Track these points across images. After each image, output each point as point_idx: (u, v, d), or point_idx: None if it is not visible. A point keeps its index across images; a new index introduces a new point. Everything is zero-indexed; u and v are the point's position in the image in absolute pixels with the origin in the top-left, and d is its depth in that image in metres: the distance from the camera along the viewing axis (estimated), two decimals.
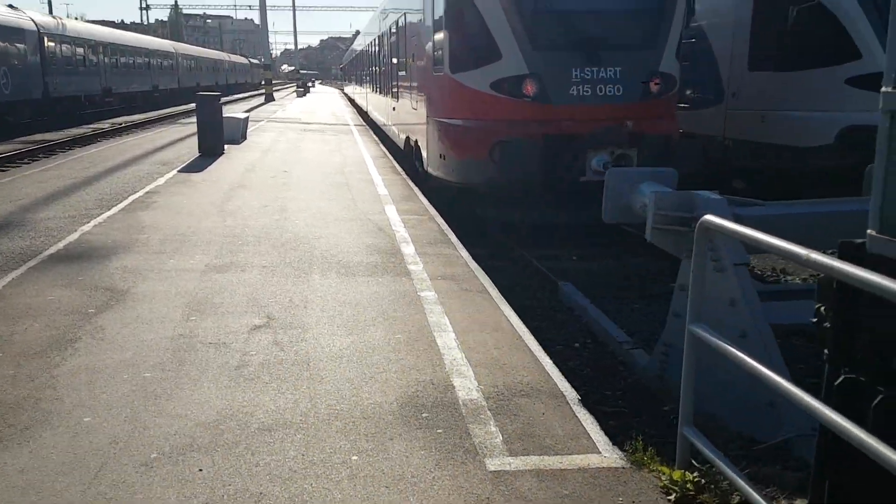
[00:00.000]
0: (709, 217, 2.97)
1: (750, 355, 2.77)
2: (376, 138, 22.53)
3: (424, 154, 12.26)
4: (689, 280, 3.02)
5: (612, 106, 9.52)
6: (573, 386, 4.41)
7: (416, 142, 13.57)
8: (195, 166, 14.81)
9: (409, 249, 8.03)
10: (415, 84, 13.41)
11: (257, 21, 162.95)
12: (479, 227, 11.16)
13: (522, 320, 5.67)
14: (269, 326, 5.51)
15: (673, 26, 9.74)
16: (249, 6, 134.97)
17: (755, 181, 12.91)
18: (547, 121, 9.53)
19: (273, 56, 54.41)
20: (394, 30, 17.14)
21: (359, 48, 37.56)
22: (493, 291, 6.47)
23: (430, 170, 11.92)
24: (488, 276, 7.07)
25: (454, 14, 10.13)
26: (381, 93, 21.97)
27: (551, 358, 4.90)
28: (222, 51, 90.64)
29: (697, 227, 3.02)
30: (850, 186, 12.49)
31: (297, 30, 76.23)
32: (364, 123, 29.41)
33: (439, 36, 11.04)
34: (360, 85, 36.77)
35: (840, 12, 11.14)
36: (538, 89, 9.49)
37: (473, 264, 7.42)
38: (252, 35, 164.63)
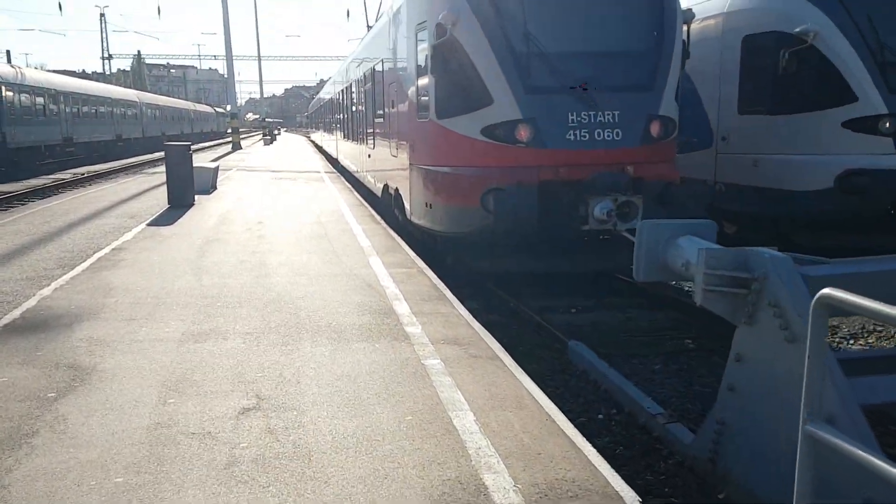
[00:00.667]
0: (829, 292, 2.41)
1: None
2: (349, 185, 21.97)
3: (407, 203, 11.70)
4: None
5: (611, 150, 9.08)
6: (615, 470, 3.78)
7: (396, 190, 13.02)
8: (165, 219, 14.05)
9: (403, 308, 7.38)
10: (394, 131, 12.91)
11: (221, 71, 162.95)
12: (471, 279, 10.58)
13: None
14: (260, 408, 4.80)
15: (672, 68, 9.40)
16: (214, 56, 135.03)
17: (747, 226, 12.57)
18: (543, 167, 9.05)
19: (238, 104, 53.72)
20: (368, 76, 16.71)
21: (327, 96, 37.25)
22: (506, 358, 5.84)
23: (414, 219, 11.35)
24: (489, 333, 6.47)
25: (440, 58, 9.67)
26: (353, 140, 21.48)
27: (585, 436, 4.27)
28: (187, 100, 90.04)
29: (815, 303, 2.45)
30: (849, 230, 12.27)
31: (262, 79, 76.08)
32: (335, 171, 28.86)
33: (423, 81, 10.57)
34: (329, 132, 36.36)
35: (833, 55, 10.95)
36: (533, 134, 9.02)
37: (477, 325, 6.80)
38: (216, 84, 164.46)
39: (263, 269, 9.39)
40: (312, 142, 65.37)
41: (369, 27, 30.66)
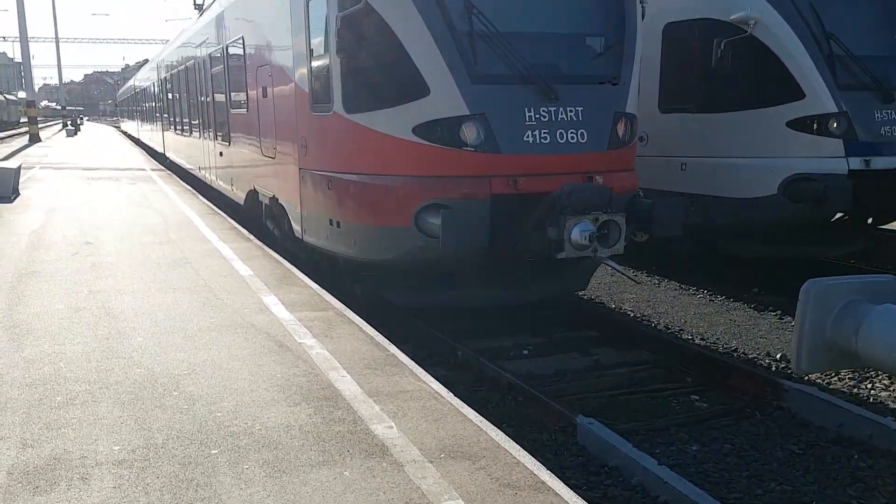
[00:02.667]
0: None
1: None
2: (188, 186, 18.76)
3: (296, 219, 9.26)
4: None
5: (577, 156, 7.25)
6: None
7: (272, 199, 10.48)
8: None
9: (349, 386, 5.10)
10: (268, 124, 10.36)
11: (10, 54, 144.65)
12: (382, 307, 8.40)
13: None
14: None
15: (636, 56, 7.72)
16: (3, 37, 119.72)
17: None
18: (495, 176, 7.06)
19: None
20: (219, 57, 13.84)
21: (146, 82, 32.91)
22: (557, 484, 3.80)
23: (308, 239, 8.95)
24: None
25: (350, 34, 7.35)
26: (192, 133, 18.31)
27: None
28: None
29: None
30: (787, 241, 11.39)
31: (61, 63, 67.66)
32: (163, 168, 25.16)
33: (320, 64, 8.20)
34: (151, 122, 32.10)
35: (777, 46, 9.85)
36: (482, 135, 6.98)
37: (476, 416, 4.68)
38: (6, 69, 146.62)
39: (113, 321, 6.65)
40: (125, 133, 59.07)
41: (198, 6, 27.18)
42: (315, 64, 8.34)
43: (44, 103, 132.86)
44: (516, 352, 7.94)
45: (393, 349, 5.94)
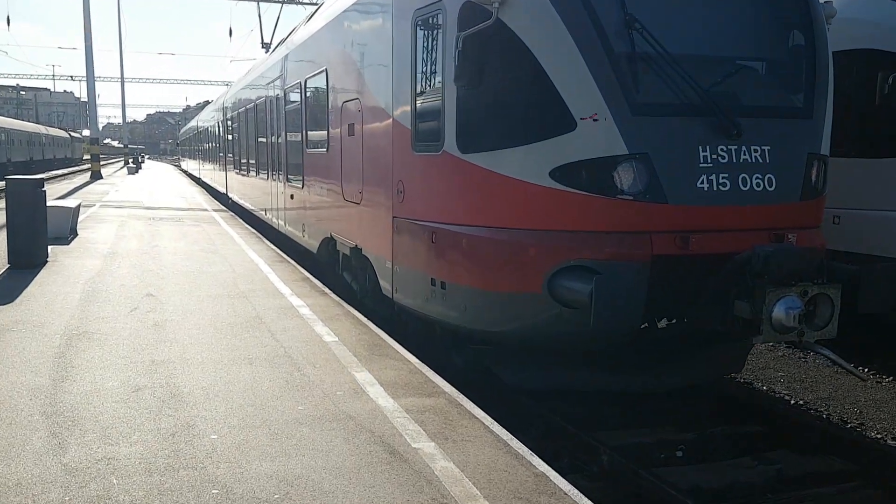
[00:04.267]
0: None
1: None
2: (252, 229, 17.73)
3: (387, 275, 7.92)
4: None
5: (763, 209, 5.75)
6: None
7: (354, 250, 9.17)
8: (1, 292, 9.44)
9: None
10: (352, 166, 9.12)
11: (77, 94, 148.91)
12: (489, 384, 6.94)
13: None
14: None
15: (829, 84, 6.24)
16: (71, 77, 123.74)
17: None
18: (659, 232, 5.59)
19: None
20: (292, 93, 12.79)
21: (211, 120, 32.54)
22: None
23: (402, 300, 7.59)
24: None
25: (473, 56, 6.04)
26: (259, 174, 17.32)
27: None
28: (38, 123, 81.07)
29: None
30: None
31: (125, 102, 68.86)
32: (225, 208, 24.35)
33: (428, 94, 6.93)
34: (213, 162, 31.60)
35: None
36: (644, 179, 5.54)
37: None
38: (73, 108, 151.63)
39: (180, 407, 5.32)
40: (185, 171, 59.44)
41: (265, 45, 26.69)
42: (421, 95, 7.06)
43: (107, 141, 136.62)
44: (666, 452, 6.35)
45: (542, 466, 4.45)
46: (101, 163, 50.22)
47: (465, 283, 6.41)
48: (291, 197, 13.29)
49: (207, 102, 56.52)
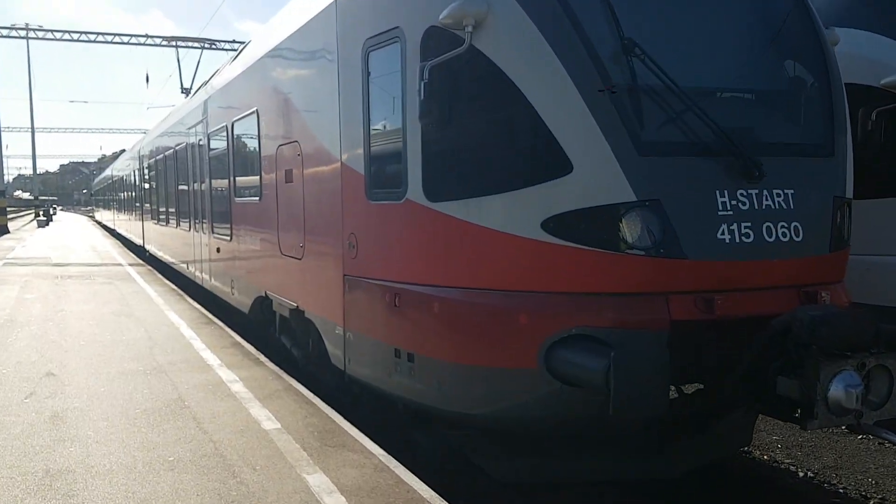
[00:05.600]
0: None
1: None
2: (172, 284, 16.18)
3: (336, 342, 6.76)
4: None
5: (791, 263, 4.91)
6: None
7: (294, 312, 7.97)
8: None
9: None
10: (292, 215, 7.98)
11: None
12: (463, 481, 5.84)
13: None
14: None
15: (846, 114, 5.51)
16: None
17: None
18: (677, 293, 4.66)
19: (6, 181, 44.40)
20: (220, 134, 11.58)
21: (126, 169, 30.69)
22: None
23: (357, 372, 6.46)
24: None
25: (441, 87, 5.08)
26: (179, 225, 15.88)
27: None
28: None
29: None
30: None
31: (35, 153, 65.23)
32: (142, 262, 22.57)
33: (386, 134, 5.93)
34: (129, 212, 29.67)
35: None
36: (656, 231, 4.62)
37: None
38: None
39: None
40: (99, 223, 56.45)
41: (185, 90, 25.26)
42: (377, 135, 6.04)
43: (17, 193, 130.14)
44: None
45: None
46: (9, 216, 47.10)
47: (438, 357, 5.32)
48: (218, 250, 11.95)
49: (123, 151, 54.21)
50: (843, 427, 4.56)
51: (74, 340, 9.71)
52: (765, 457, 7.41)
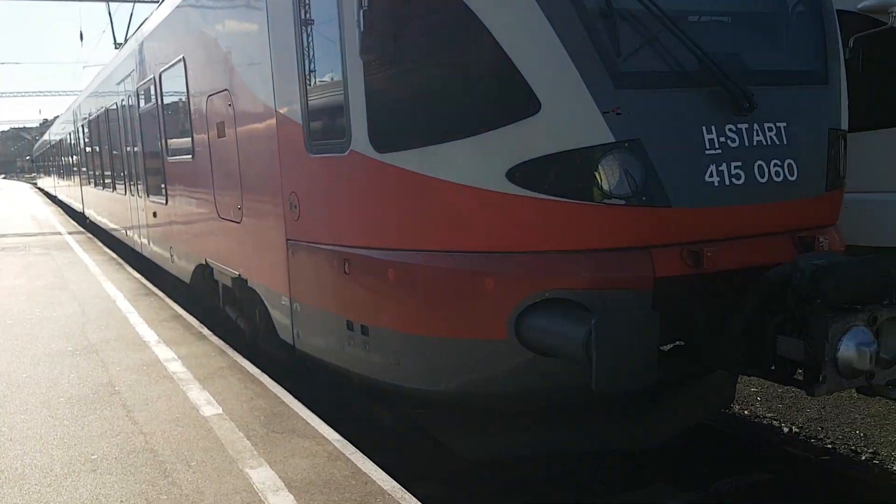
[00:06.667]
0: None
1: None
2: (113, 253, 15.25)
3: (283, 313, 6.10)
4: None
5: (786, 205, 4.35)
6: None
7: (237, 280, 7.27)
8: None
9: None
10: (227, 174, 7.22)
11: None
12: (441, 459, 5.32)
13: None
14: None
15: (839, 39, 4.93)
16: None
17: None
18: (661, 246, 4.09)
19: None
20: (148, 88, 10.62)
21: (62, 133, 29.14)
22: None
23: (308, 347, 5.82)
24: None
25: (387, 18, 4.37)
26: (116, 189, 14.89)
27: None
28: None
29: None
30: None
31: None
32: (82, 229, 21.47)
33: (325, 76, 5.20)
34: (68, 178, 28.29)
35: None
36: (637, 176, 4.02)
37: None
38: None
39: None
40: (41, 190, 54.22)
41: (118, 45, 23.74)
42: (315, 79, 5.29)
43: None
44: None
45: None
46: None
47: (395, 328, 4.70)
48: (154, 214, 11.10)
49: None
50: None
51: (0, 319, 8.87)
52: (745, 412, 7.03)
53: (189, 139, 8.43)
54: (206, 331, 8.01)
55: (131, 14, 25.30)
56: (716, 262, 4.11)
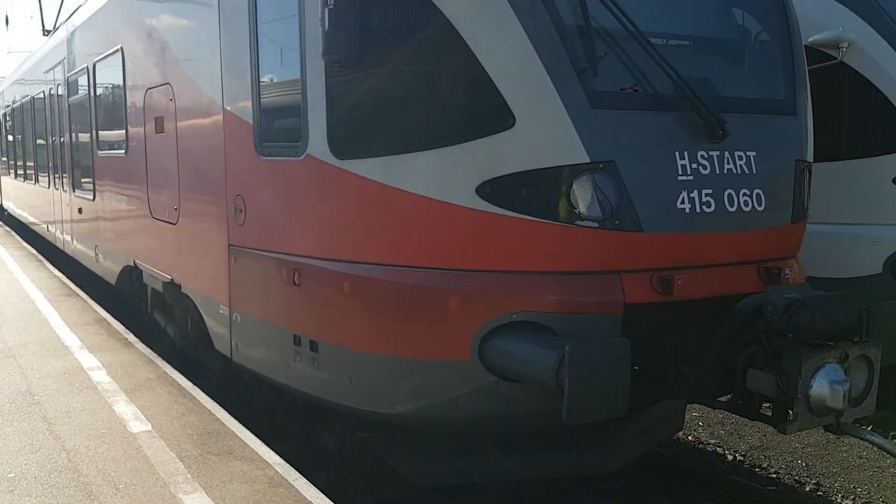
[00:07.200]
0: None
1: None
2: (33, 250, 14.38)
3: (221, 323, 5.74)
4: None
5: (752, 236, 4.29)
6: None
7: (168, 285, 6.85)
8: None
9: None
10: (164, 171, 6.80)
11: None
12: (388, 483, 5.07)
13: None
14: None
15: (805, 70, 4.92)
16: None
17: None
18: (631, 271, 3.96)
19: None
20: (79, 78, 10.04)
21: None
22: None
23: (246, 360, 5.48)
24: None
25: (350, 16, 4.12)
26: (38, 181, 14.08)
27: None
28: None
29: None
30: None
31: None
32: (0, 223, 20.28)
33: (280, 75, 4.92)
34: None
35: (878, 75, 7.46)
36: (611, 199, 3.88)
37: None
38: None
39: None
40: None
41: (46, 32, 22.64)
42: (269, 76, 4.99)
43: None
44: None
45: None
46: None
47: (348, 345, 4.43)
48: (80, 210, 10.46)
49: None
50: (821, 428, 4.04)
51: None
52: (689, 437, 7.01)
53: (123, 133, 7.95)
54: (131, 337, 7.53)
55: (62, 1, 24.27)
56: (686, 289, 4.00)
